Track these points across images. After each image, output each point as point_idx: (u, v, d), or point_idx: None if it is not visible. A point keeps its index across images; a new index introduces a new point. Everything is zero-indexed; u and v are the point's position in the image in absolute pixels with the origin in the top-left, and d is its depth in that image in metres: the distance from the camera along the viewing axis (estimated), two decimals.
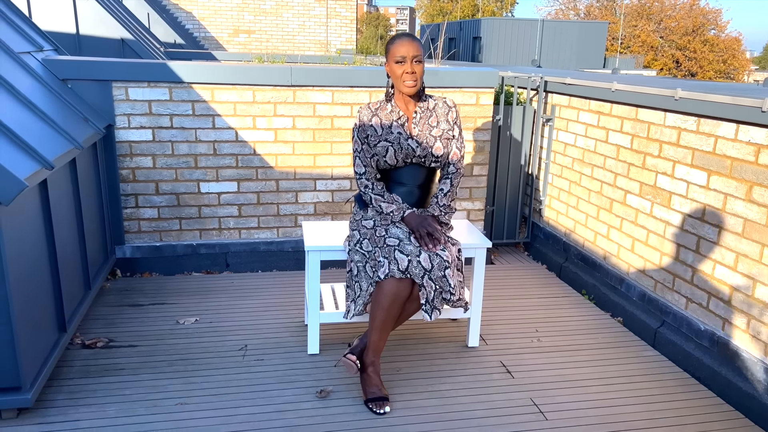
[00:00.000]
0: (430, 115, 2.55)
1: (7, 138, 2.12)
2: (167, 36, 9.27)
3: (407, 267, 2.30)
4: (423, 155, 2.51)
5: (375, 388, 2.37)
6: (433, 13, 45.54)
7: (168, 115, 3.40)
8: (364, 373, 2.41)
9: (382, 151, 2.50)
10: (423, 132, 2.52)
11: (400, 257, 2.32)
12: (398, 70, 2.44)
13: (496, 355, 2.80)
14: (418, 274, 2.31)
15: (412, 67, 2.42)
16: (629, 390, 2.56)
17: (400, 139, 2.49)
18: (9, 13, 3.45)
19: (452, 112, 2.58)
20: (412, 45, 2.42)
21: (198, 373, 2.56)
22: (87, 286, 2.96)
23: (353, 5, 13.41)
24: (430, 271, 2.32)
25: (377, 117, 2.53)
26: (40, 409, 2.26)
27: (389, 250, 2.34)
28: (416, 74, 2.43)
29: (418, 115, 2.54)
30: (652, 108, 3.01)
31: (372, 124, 2.53)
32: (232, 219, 3.63)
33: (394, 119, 2.52)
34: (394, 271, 2.30)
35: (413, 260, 2.31)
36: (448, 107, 2.58)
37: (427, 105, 2.56)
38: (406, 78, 2.43)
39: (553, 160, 4.01)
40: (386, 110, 2.54)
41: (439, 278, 2.34)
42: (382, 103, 2.56)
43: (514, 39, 20.25)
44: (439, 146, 2.51)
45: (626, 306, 3.19)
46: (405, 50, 2.41)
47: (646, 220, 3.09)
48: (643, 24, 30.75)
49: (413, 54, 2.42)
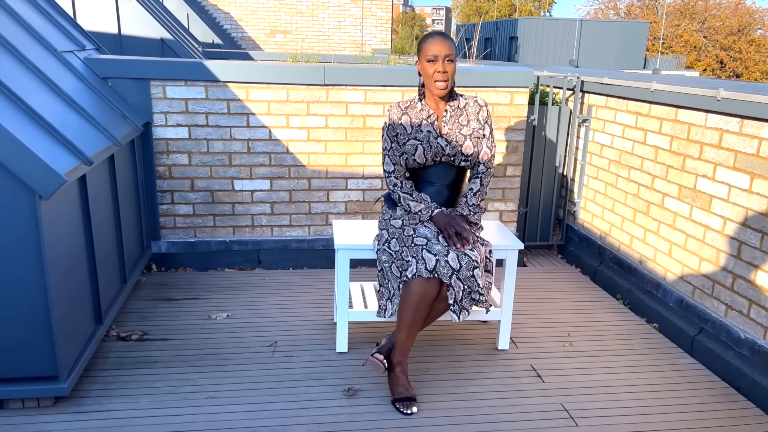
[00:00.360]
0: (461, 113, 2.53)
1: (48, 134, 2.19)
2: (205, 36, 9.44)
3: (435, 266, 2.29)
4: (452, 154, 2.49)
5: (402, 388, 2.36)
6: (470, 13, 45.26)
7: (204, 114, 3.45)
8: (391, 373, 2.40)
9: (411, 149, 2.49)
10: (453, 131, 2.50)
11: (427, 257, 2.30)
12: (430, 68, 2.42)
13: (527, 359, 2.76)
14: (446, 273, 2.29)
15: (444, 66, 2.40)
16: (664, 398, 2.49)
17: (430, 137, 2.48)
18: (54, 14, 3.56)
19: (483, 111, 2.55)
20: (444, 44, 2.40)
21: (228, 367, 2.59)
22: (123, 280, 3.02)
23: (389, 5, 13.42)
24: (459, 270, 2.30)
25: (407, 115, 2.52)
26: (76, 399, 2.32)
27: (417, 249, 2.33)
28: (448, 74, 2.41)
29: (449, 113, 2.52)
30: (693, 109, 2.93)
31: (401, 123, 2.52)
32: (265, 216, 3.67)
33: (424, 117, 2.51)
34: (422, 270, 2.29)
35: (441, 260, 2.29)
36: (479, 106, 2.55)
37: (457, 104, 2.54)
38: (437, 77, 2.41)
39: (588, 161, 3.93)
40: (416, 109, 2.53)
41: (468, 278, 2.32)
42: (413, 101, 2.55)
43: (552, 39, 19.96)
44: (468, 145, 2.49)
45: (663, 312, 3.11)
46: (437, 49, 2.39)
47: (685, 223, 3.00)
48: (686, 23, 29.97)
49: (445, 53, 2.39)
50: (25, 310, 2.09)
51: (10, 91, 2.17)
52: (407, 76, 3.54)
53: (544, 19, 21.48)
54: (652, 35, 28.24)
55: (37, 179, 1.97)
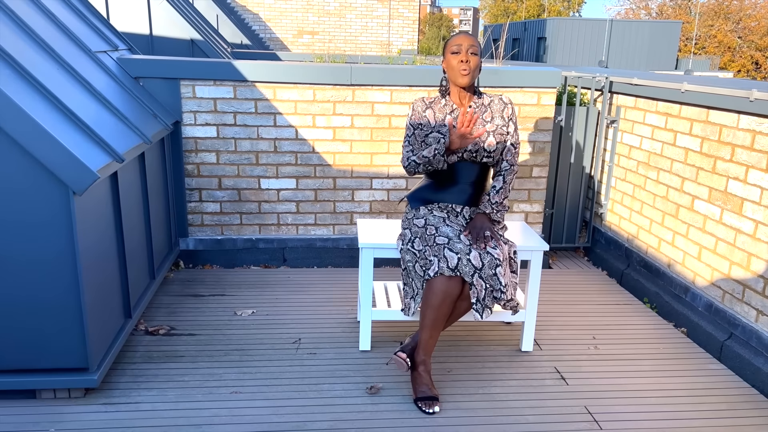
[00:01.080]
0: (485, 110, 2.58)
1: (82, 132, 2.25)
2: (234, 37, 9.57)
3: (457, 265, 2.29)
4: (474, 150, 2.51)
5: (425, 387, 2.36)
6: (497, 14, 44.97)
7: (232, 113, 3.50)
8: (414, 372, 2.41)
9: (433, 143, 2.52)
10: (476, 126, 2.54)
11: (449, 255, 2.30)
12: (454, 60, 2.48)
13: (551, 361, 2.73)
14: (468, 272, 2.29)
15: (467, 56, 2.46)
16: (692, 404, 2.45)
17: (453, 130, 2.51)
18: (89, 15, 3.65)
19: (508, 109, 2.58)
20: (468, 38, 2.49)
21: (252, 363, 2.62)
22: (152, 276, 3.09)
23: (416, 6, 13.42)
24: (481, 269, 2.29)
25: (431, 109, 2.58)
26: (106, 390, 2.38)
27: (439, 248, 2.33)
28: (470, 63, 2.46)
29: (473, 109, 2.56)
30: (725, 110, 2.87)
31: (425, 115, 2.58)
32: (290, 215, 3.71)
33: (448, 112, 2.56)
34: (444, 269, 2.29)
35: (463, 258, 2.29)
36: (504, 104, 2.59)
37: (482, 101, 2.59)
38: (460, 67, 2.46)
39: (616, 162, 3.88)
40: (440, 104, 2.59)
41: (490, 277, 2.31)
42: (437, 98, 2.61)
43: (581, 39, 19.71)
44: (491, 141, 2.52)
45: (691, 316, 3.05)
46: (461, 41, 2.47)
47: (715, 227, 2.95)
48: (720, 24, 29.32)
49: (469, 44, 2.46)
50: (58, 302, 2.15)
51: (47, 90, 2.24)
52: (433, 75, 3.54)
53: (573, 20, 21.22)
54: (685, 36, 27.70)
55: (71, 175, 2.03)
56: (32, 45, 2.54)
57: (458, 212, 2.56)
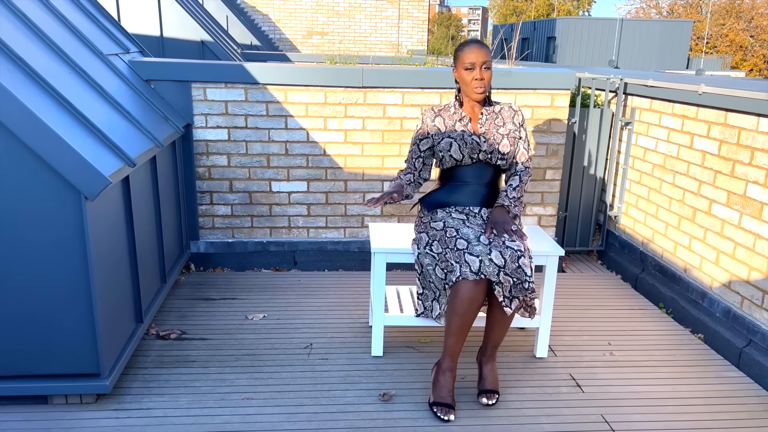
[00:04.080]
0: (497, 116, 2.60)
1: (94, 136, 2.23)
2: (244, 38, 9.57)
3: (480, 268, 2.26)
4: (489, 151, 2.53)
5: (446, 392, 2.34)
6: (507, 13, 44.83)
7: (243, 116, 3.49)
8: (439, 375, 2.38)
9: (446, 146, 2.54)
10: (490, 129, 2.56)
11: (470, 260, 2.26)
12: (467, 76, 2.48)
13: (566, 368, 2.69)
14: (492, 272, 2.25)
15: (481, 73, 2.47)
16: (709, 412, 2.40)
17: (464, 135, 2.54)
18: (100, 18, 3.64)
19: (518, 116, 2.61)
20: (481, 52, 2.46)
21: (264, 368, 2.60)
22: (163, 279, 3.07)
23: (425, 6, 13.38)
24: (504, 266, 2.26)
25: (440, 117, 2.60)
26: (117, 396, 2.36)
27: (459, 253, 2.30)
28: (485, 80, 2.48)
29: (484, 116, 2.58)
30: (744, 112, 2.82)
31: (435, 124, 2.60)
32: (301, 218, 3.69)
33: (457, 119, 2.58)
34: (467, 273, 2.25)
35: (485, 259, 2.26)
36: (514, 111, 2.62)
37: (492, 109, 2.61)
38: (475, 84, 2.48)
39: (631, 165, 3.83)
40: (449, 111, 2.60)
41: (515, 270, 2.26)
42: (446, 106, 2.62)
43: (591, 39, 19.59)
44: (506, 143, 2.54)
45: (708, 322, 3.00)
46: (474, 57, 2.45)
47: (734, 231, 2.90)
48: (731, 22, 29.07)
49: (482, 60, 2.46)
50: (70, 307, 2.14)
51: (59, 94, 2.23)
52: (445, 78, 3.51)
53: (583, 19, 21.10)
54: (696, 35, 27.47)
55: (82, 181, 2.01)
56: (44, 48, 2.53)
57: (476, 213, 2.54)
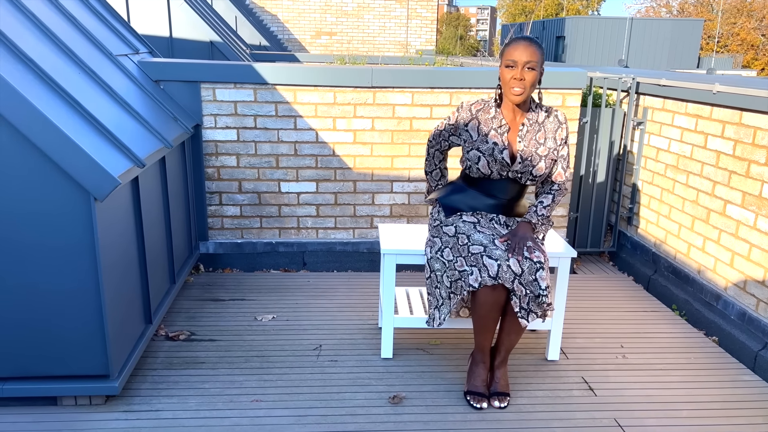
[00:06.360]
0: (539, 129, 2.39)
1: (104, 137, 2.23)
2: (253, 38, 9.58)
3: (497, 272, 2.22)
4: (521, 171, 2.38)
5: (480, 381, 2.39)
6: (515, 13, 44.67)
7: (252, 116, 3.48)
8: (474, 366, 2.43)
9: (473, 158, 2.40)
10: (528, 148, 2.37)
11: (489, 263, 2.22)
12: (507, 74, 2.27)
13: (578, 371, 2.66)
14: (508, 279, 2.22)
15: (522, 73, 2.24)
16: (724, 416, 2.36)
17: (494, 150, 2.36)
18: (110, 18, 3.64)
19: (562, 130, 2.41)
20: (527, 50, 2.24)
21: (273, 370, 2.59)
22: (172, 280, 3.07)
23: (434, 5, 13.35)
24: (520, 275, 2.23)
25: (476, 120, 2.40)
26: (126, 398, 2.36)
27: (476, 258, 2.25)
28: (525, 81, 2.25)
29: (525, 128, 2.38)
30: (760, 112, 2.78)
31: (468, 129, 2.41)
32: (310, 219, 3.67)
33: (494, 127, 2.38)
34: (485, 278, 2.22)
35: (503, 264, 2.22)
36: (559, 123, 2.41)
37: (536, 117, 2.39)
38: (513, 84, 2.26)
39: (643, 165, 3.79)
40: (488, 114, 2.39)
41: (530, 282, 2.23)
42: (486, 105, 2.41)
43: (600, 38, 19.48)
44: (541, 166, 2.37)
45: (723, 325, 2.96)
46: (518, 54, 2.24)
47: (749, 232, 2.85)
48: (743, 21, 28.81)
49: (526, 59, 2.23)
50: (79, 309, 2.14)
51: (68, 95, 2.22)
52: (455, 78, 3.48)
53: (593, 18, 20.99)
54: (707, 34, 27.24)
55: (92, 182, 2.01)
56: (54, 49, 2.53)
57: (491, 218, 2.48)
